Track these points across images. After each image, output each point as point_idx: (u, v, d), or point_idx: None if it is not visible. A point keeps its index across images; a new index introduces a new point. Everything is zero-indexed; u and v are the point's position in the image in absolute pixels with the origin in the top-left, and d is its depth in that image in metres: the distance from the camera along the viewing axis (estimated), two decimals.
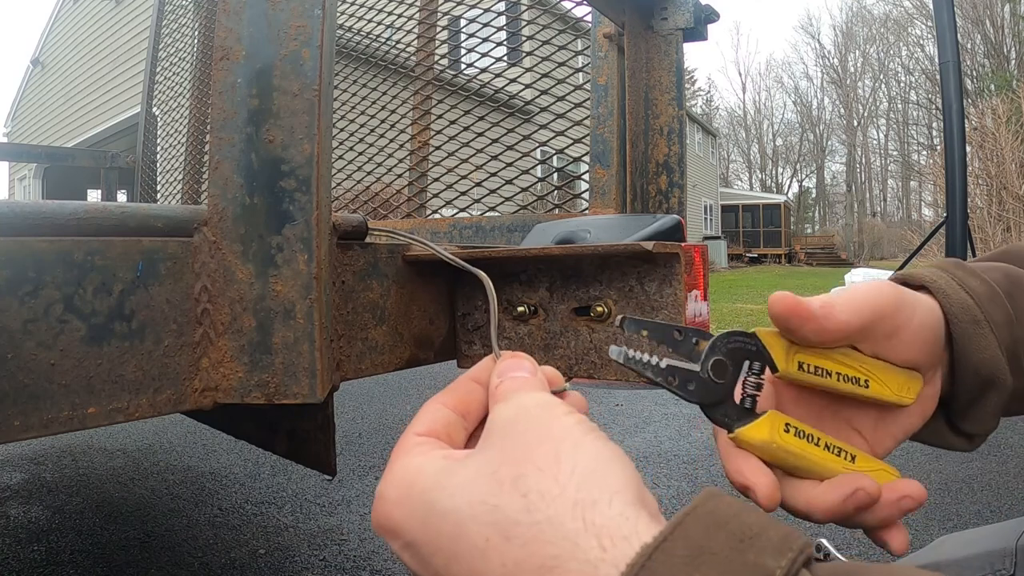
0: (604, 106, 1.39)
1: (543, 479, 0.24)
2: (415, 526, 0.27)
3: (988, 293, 0.42)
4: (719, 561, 0.18)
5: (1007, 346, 0.41)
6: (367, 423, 3.31)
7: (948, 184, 3.54)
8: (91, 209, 0.56)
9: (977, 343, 0.40)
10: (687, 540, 0.19)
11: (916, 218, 34.22)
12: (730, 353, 0.37)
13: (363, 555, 1.86)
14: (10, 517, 2.14)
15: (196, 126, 2.48)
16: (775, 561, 0.18)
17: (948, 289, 0.41)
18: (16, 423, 0.48)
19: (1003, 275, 0.44)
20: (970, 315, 0.40)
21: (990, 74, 23.58)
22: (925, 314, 0.40)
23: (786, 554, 0.19)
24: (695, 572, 0.18)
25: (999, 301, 0.42)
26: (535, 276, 0.78)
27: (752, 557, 0.18)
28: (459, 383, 0.35)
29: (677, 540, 0.19)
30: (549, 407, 0.29)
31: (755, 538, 0.19)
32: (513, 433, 0.28)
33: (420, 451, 0.30)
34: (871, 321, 0.37)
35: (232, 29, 0.61)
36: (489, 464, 0.26)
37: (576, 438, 0.26)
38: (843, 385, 0.38)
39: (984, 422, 0.42)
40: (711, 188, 28.13)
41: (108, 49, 11.26)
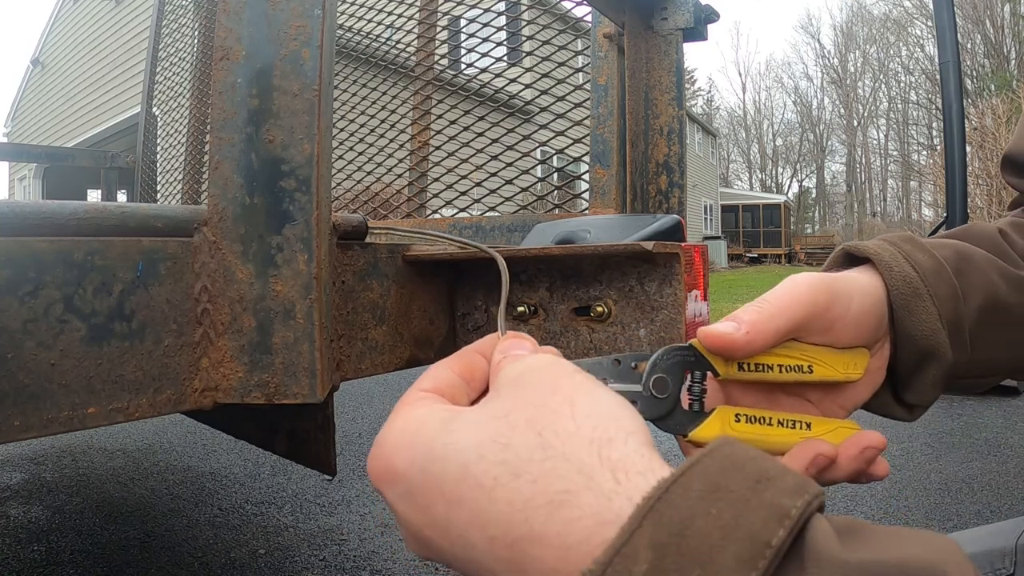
0: (604, 106, 1.39)
1: (558, 419, 0.24)
2: (415, 473, 0.26)
3: (934, 267, 0.42)
4: (736, 498, 0.18)
5: (950, 320, 0.41)
6: (367, 423, 3.31)
7: (948, 184, 3.54)
8: (91, 209, 0.56)
9: (917, 316, 0.41)
10: (704, 477, 0.19)
11: (916, 218, 34.23)
12: (670, 368, 0.38)
13: (363, 555, 1.86)
14: (10, 517, 2.14)
15: (196, 126, 2.48)
16: (791, 501, 0.18)
17: (892, 262, 0.42)
18: (16, 423, 0.48)
19: (953, 252, 0.45)
20: (911, 288, 0.41)
21: (990, 74, 23.59)
22: (863, 298, 0.40)
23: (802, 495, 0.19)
24: (711, 507, 0.18)
25: (945, 276, 0.42)
26: (535, 276, 0.78)
27: (769, 496, 0.18)
28: (464, 352, 0.34)
29: (694, 477, 0.19)
30: (558, 364, 0.29)
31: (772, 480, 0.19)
32: (524, 384, 0.27)
33: (424, 403, 0.29)
34: (802, 321, 0.37)
35: (232, 29, 0.61)
36: (501, 408, 0.26)
37: (589, 387, 0.26)
38: (786, 375, 0.39)
39: (923, 393, 0.43)
40: (711, 188, 28.13)
41: (108, 49, 11.26)
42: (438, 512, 0.25)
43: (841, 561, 0.17)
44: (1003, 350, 0.46)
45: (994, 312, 0.44)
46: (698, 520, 0.18)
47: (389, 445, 0.28)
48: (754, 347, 0.36)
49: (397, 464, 0.27)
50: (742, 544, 0.17)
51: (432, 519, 0.25)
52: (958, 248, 0.46)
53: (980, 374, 0.46)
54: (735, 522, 0.18)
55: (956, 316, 0.42)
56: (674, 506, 0.18)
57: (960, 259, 0.45)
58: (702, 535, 0.18)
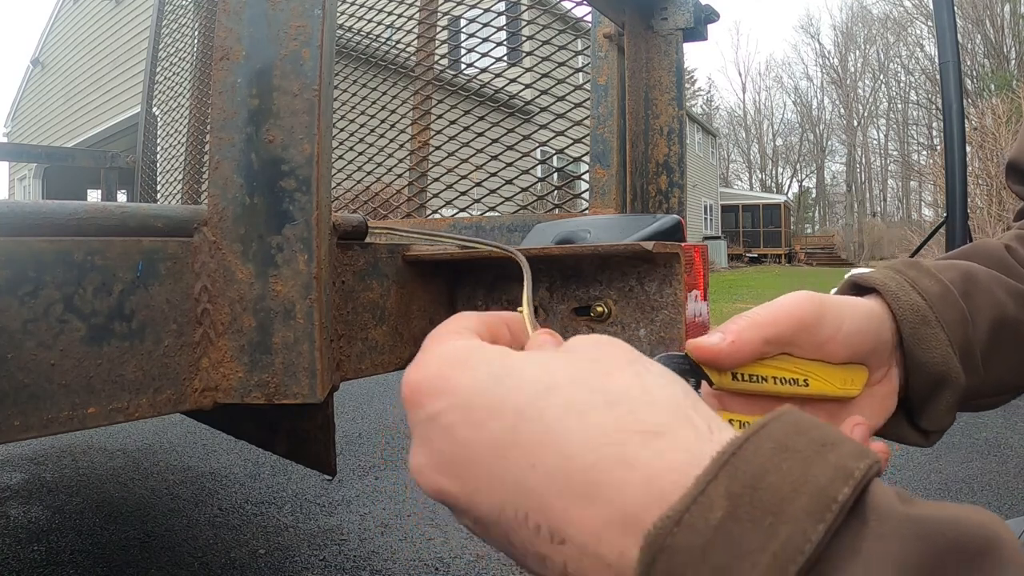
0: (604, 106, 1.39)
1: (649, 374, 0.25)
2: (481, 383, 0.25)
3: (941, 292, 0.42)
4: (803, 458, 0.19)
5: (961, 345, 0.42)
6: (367, 423, 3.31)
7: (948, 184, 3.53)
8: (91, 209, 0.56)
9: (927, 343, 0.41)
10: (774, 438, 0.20)
11: (916, 218, 34.20)
12: None
13: (363, 555, 1.86)
14: (10, 517, 2.14)
15: (196, 126, 2.48)
16: (855, 463, 0.19)
17: (898, 291, 0.42)
18: (16, 423, 0.48)
19: (960, 274, 0.45)
20: (919, 316, 0.41)
21: (990, 74, 23.59)
22: (858, 320, 0.40)
23: (864, 459, 0.20)
24: (782, 464, 0.19)
25: (952, 300, 0.42)
26: (535, 276, 0.78)
27: (834, 458, 0.19)
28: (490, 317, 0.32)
29: (764, 437, 0.20)
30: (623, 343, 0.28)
31: (835, 444, 0.20)
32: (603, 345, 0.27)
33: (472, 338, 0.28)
34: (790, 334, 0.38)
35: (232, 29, 0.61)
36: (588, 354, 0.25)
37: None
38: (781, 388, 0.39)
39: (938, 419, 0.43)
40: (711, 188, 28.13)
41: (108, 49, 11.26)
42: (501, 426, 0.23)
43: (901, 514, 0.18)
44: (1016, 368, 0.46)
45: (1004, 331, 0.44)
46: (770, 475, 0.19)
47: (443, 358, 0.26)
48: (740, 356, 0.36)
49: (454, 374, 0.25)
50: (811, 498, 0.18)
51: (487, 436, 0.24)
52: (964, 270, 0.45)
53: (995, 393, 0.46)
54: (804, 478, 0.19)
55: (966, 340, 0.42)
56: (748, 461, 0.19)
57: (966, 281, 0.44)
58: (773, 488, 0.19)
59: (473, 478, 0.24)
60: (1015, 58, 24.15)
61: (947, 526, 0.18)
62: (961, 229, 3.46)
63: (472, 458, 0.24)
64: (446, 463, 0.25)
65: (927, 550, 0.18)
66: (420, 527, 2.04)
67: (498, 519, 0.23)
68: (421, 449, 0.26)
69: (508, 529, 0.23)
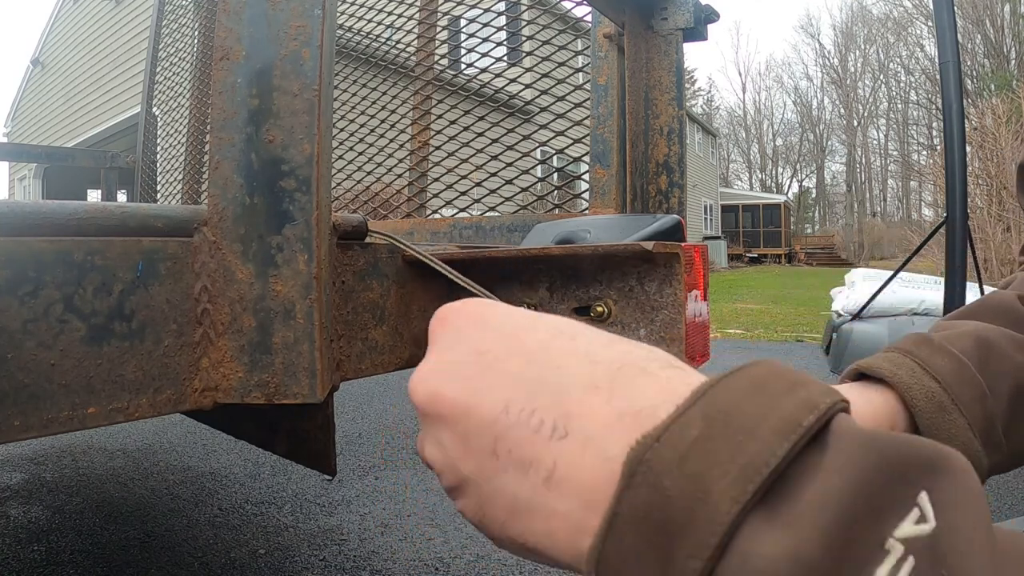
0: (604, 106, 1.39)
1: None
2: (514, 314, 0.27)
3: (955, 369, 0.41)
4: (775, 392, 0.21)
5: (980, 425, 0.40)
6: (367, 423, 3.31)
7: (948, 184, 3.53)
8: (91, 209, 0.56)
9: (946, 431, 0.40)
10: (750, 378, 0.22)
11: (916, 218, 34.17)
12: None
13: (363, 555, 1.86)
14: (10, 517, 2.14)
15: (196, 126, 2.48)
16: (821, 398, 0.21)
17: (910, 381, 0.40)
18: (16, 423, 0.48)
19: (973, 342, 0.43)
20: (935, 403, 0.40)
21: (990, 74, 23.58)
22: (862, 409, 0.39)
23: (831, 396, 0.21)
24: (755, 397, 0.21)
25: (968, 376, 0.41)
26: (535, 276, 0.78)
27: (803, 394, 0.21)
28: None
29: (740, 376, 0.22)
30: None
31: (806, 384, 0.22)
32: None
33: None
34: None
35: (232, 29, 0.61)
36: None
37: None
38: None
39: None
40: (711, 188, 28.11)
41: (108, 49, 11.25)
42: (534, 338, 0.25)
43: (860, 433, 0.20)
44: None
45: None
46: (743, 404, 0.21)
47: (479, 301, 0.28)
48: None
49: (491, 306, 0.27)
50: (778, 422, 0.20)
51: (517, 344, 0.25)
52: (978, 336, 0.44)
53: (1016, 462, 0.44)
54: (774, 407, 0.21)
55: (986, 417, 0.41)
56: (725, 391, 0.22)
57: (981, 348, 0.43)
58: (746, 414, 0.21)
59: (484, 378, 0.25)
60: (1015, 58, 24.15)
61: (901, 444, 0.20)
62: (961, 229, 3.46)
63: (491, 363, 0.25)
64: (458, 368, 0.26)
65: (878, 461, 0.19)
66: (420, 527, 2.04)
67: (494, 420, 0.24)
68: (434, 359, 0.27)
69: (500, 432, 0.24)
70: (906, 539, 0.18)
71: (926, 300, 4.46)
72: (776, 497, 0.19)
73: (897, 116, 39.98)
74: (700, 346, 0.71)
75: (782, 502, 0.19)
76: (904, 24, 36.40)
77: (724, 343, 5.93)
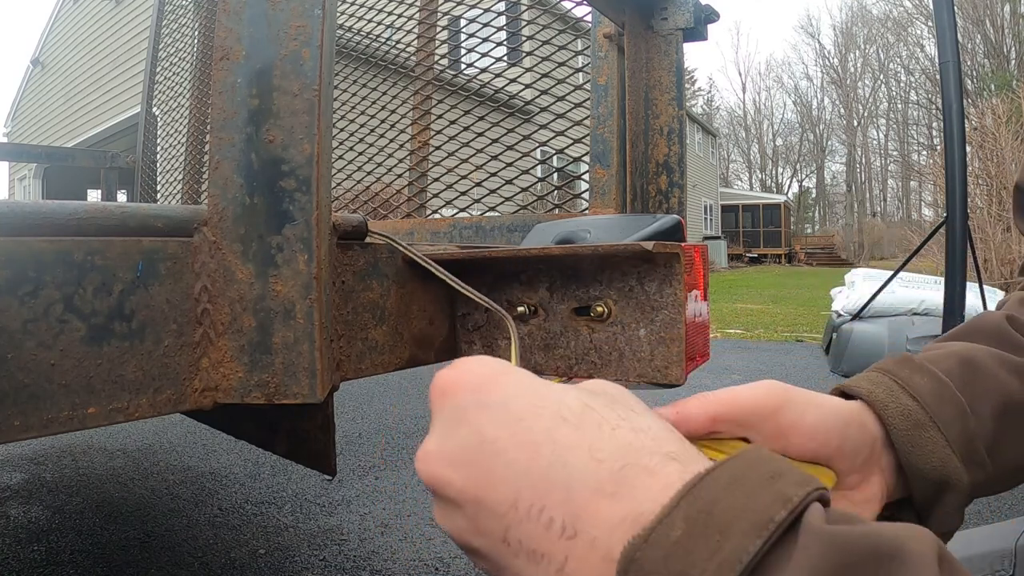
0: (604, 106, 1.39)
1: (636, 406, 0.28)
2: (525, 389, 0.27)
3: (934, 389, 0.41)
4: (753, 487, 0.23)
5: (960, 443, 0.40)
6: (367, 423, 3.31)
7: (948, 184, 3.53)
8: (91, 209, 0.56)
9: (923, 448, 0.40)
10: (730, 472, 0.24)
11: (916, 218, 34.14)
12: None
13: (363, 555, 1.86)
14: (10, 517, 2.14)
15: (196, 126, 2.48)
16: (795, 491, 0.22)
17: (887, 399, 0.41)
18: (16, 423, 0.48)
19: (957, 361, 0.43)
20: (911, 420, 0.40)
21: (990, 74, 23.58)
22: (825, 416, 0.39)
23: (805, 487, 0.23)
24: (734, 493, 0.22)
25: (948, 395, 0.41)
26: (535, 276, 0.78)
27: (778, 487, 0.23)
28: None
29: (722, 471, 0.24)
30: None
31: (783, 475, 0.23)
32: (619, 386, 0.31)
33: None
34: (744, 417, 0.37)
35: (232, 29, 0.61)
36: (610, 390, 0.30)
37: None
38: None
39: (946, 522, 0.41)
40: (711, 188, 28.11)
41: (108, 49, 11.25)
42: (538, 426, 0.26)
43: (825, 529, 0.21)
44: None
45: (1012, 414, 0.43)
46: (721, 502, 0.22)
47: (484, 363, 0.29)
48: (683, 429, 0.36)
49: (494, 377, 0.28)
50: (752, 519, 0.22)
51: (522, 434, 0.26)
52: (962, 355, 0.44)
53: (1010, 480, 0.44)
54: (750, 504, 0.22)
55: (967, 435, 0.41)
56: (706, 490, 0.23)
57: (965, 368, 0.43)
58: (723, 512, 0.22)
59: (490, 471, 0.26)
60: (1015, 58, 24.14)
61: (861, 537, 0.21)
62: (961, 229, 3.46)
63: (497, 452, 0.26)
64: (462, 452, 0.27)
65: (839, 557, 0.20)
66: (420, 527, 2.04)
67: (505, 513, 0.25)
68: (438, 438, 0.28)
69: (511, 523, 0.25)
70: None
71: (926, 300, 4.46)
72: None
73: (897, 116, 39.98)
74: (700, 346, 0.71)
75: None
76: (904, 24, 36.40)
77: (724, 343, 5.93)
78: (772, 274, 19.28)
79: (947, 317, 3.47)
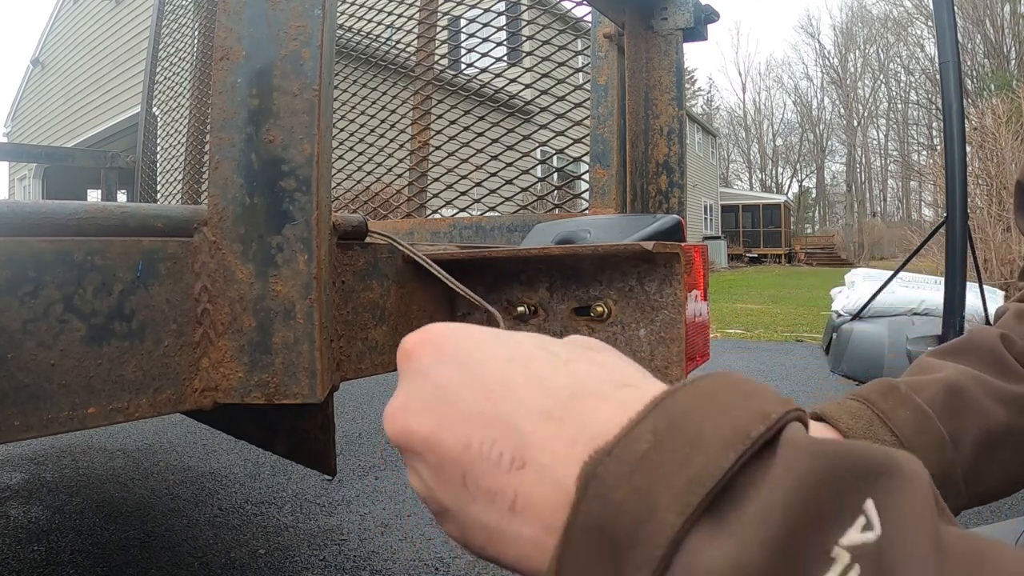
0: (604, 106, 1.39)
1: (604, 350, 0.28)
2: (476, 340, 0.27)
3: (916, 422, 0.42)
4: (728, 403, 0.22)
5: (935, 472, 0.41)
6: (367, 423, 3.31)
7: (948, 184, 3.53)
8: (91, 209, 0.56)
9: None
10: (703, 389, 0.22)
11: (916, 218, 34.14)
12: None
13: (363, 555, 1.86)
14: (10, 517, 2.14)
15: (196, 126, 2.48)
16: (773, 408, 0.21)
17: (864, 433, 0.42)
18: (16, 423, 0.48)
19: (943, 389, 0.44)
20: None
21: (990, 74, 23.59)
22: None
23: (785, 406, 0.21)
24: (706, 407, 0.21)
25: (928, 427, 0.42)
26: (535, 276, 0.78)
27: (755, 405, 0.21)
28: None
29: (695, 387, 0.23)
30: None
31: (760, 394, 0.22)
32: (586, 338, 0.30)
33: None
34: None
35: (232, 29, 0.61)
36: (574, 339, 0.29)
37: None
38: None
39: None
40: (711, 188, 28.11)
41: (108, 49, 11.25)
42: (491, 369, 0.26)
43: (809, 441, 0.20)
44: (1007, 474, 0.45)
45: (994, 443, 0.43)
46: (693, 415, 0.21)
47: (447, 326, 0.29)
48: None
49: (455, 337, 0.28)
50: (727, 433, 0.20)
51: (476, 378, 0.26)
52: (949, 383, 0.45)
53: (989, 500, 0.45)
54: (724, 418, 0.21)
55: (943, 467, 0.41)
56: (675, 405, 0.22)
57: (950, 396, 0.44)
58: (695, 426, 0.21)
59: (447, 414, 0.26)
60: (1015, 58, 24.15)
61: (851, 450, 0.20)
62: (961, 229, 3.46)
63: (453, 397, 0.26)
64: (423, 404, 0.26)
65: (824, 469, 0.19)
66: (420, 527, 2.04)
67: (460, 454, 0.25)
68: (402, 394, 0.28)
69: (467, 465, 0.24)
70: (852, 547, 0.18)
71: (926, 300, 4.46)
72: (722, 508, 0.19)
73: (897, 116, 39.99)
74: (700, 346, 0.71)
75: (727, 513, 0.19)
76: (904, 24, 36.41)
77: (724, 343, 5.93)
78: (772, 274, 19.29)
79: (947, 317, 3.47)
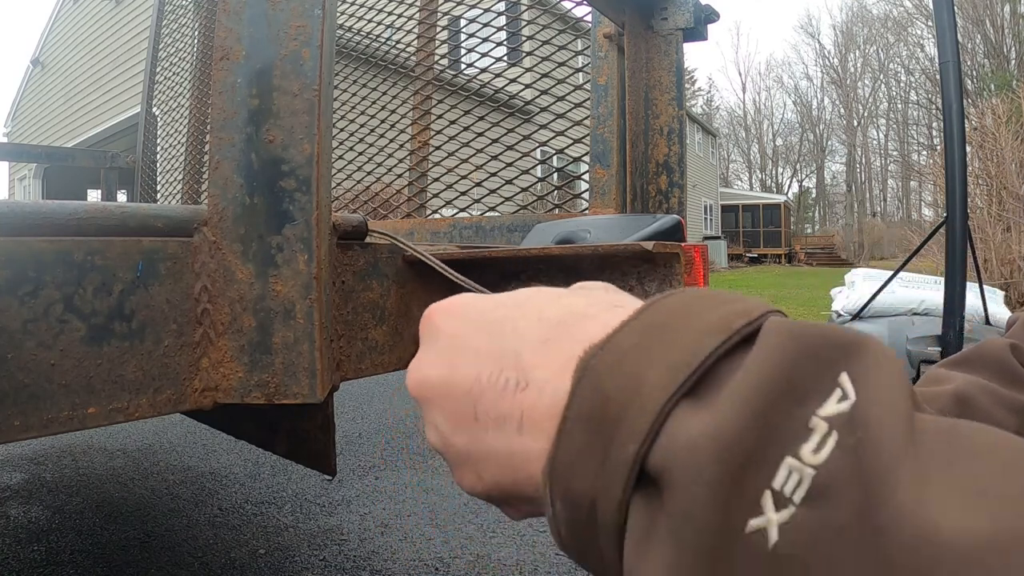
0: (604, 106, 1.39)
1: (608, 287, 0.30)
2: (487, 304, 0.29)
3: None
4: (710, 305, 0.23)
5: None
6: (367, 423, 3.31)
7: (948, 184, 3.53)
8: (91, 209, 0.56)
9: None
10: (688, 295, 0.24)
11: (916, 218, 34.12)
12: None
13: (363, 555, 1.86)
14: (10, 517, 2.14)
15: (196, 126, 2.48)
16: (755, 308, 0.22)
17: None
18: (16, 423, 0.48)
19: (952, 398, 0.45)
20: None
21: (990, 74, 23.59)
22: None
23: (767, 308, 0.23)
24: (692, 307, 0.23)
25: None
26: (535, 276, 0.78)
27: (738, 306, 0.23)
28: None
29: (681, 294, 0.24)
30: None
31: (741, 299, 0.23)
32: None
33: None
34: None
35: (232, 29, 0.61)
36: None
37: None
38: None
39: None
40: (711, 188, 28.11)
41: (108, 49, 11.25)
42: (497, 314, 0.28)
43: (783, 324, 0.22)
44: None
45: None
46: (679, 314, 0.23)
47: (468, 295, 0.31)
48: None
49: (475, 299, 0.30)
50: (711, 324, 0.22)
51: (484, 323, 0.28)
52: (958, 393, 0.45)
53: None
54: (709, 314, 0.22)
55: None
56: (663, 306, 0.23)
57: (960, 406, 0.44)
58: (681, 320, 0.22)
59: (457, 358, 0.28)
60: (1015, 58, 24.15)
61: (825, 329, 0.21)
62: (961, 229, 3.46)
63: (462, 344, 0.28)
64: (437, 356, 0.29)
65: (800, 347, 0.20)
66: (420, 527, 2.04)
67: (470, 388, 0.26)
68: (420, 353, 0.30)
69: (477, 397, 0.26)
70: (830, 417, 0.19)
71: (926, 300, 4.46)
72: (705, 388, 0.21)
73: (897, 116, 39.98)
74: None
75: (710, 392, 0.21)
76: (904, 24, 36.40)
77: None
78: (772, 274, 19.29)
79: (947, 317, 3.47)
